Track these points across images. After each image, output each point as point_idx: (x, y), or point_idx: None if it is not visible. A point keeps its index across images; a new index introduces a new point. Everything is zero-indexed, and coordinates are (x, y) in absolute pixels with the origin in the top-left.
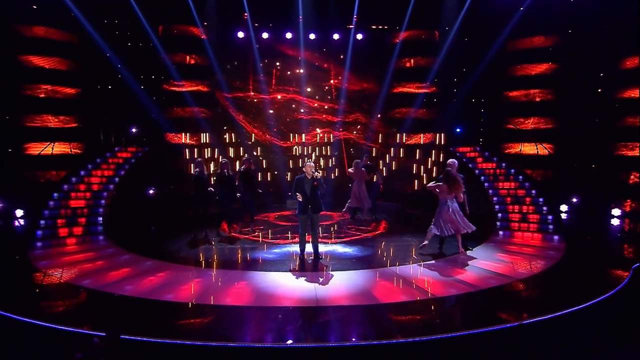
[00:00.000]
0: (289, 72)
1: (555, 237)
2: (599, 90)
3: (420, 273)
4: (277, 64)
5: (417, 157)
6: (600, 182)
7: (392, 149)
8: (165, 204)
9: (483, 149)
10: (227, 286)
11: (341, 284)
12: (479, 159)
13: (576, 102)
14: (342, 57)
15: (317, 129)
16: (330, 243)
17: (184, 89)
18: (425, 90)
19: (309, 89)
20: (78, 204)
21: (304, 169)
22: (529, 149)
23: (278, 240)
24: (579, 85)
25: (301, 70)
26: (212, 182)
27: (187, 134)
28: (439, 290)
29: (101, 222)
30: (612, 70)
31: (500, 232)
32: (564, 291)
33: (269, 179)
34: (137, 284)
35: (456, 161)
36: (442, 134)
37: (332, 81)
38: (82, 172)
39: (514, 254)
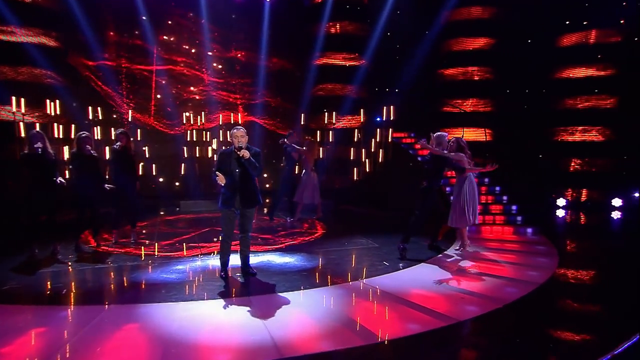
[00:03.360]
0: (176, 38)
1: (529, 230)
2: (536, 68)
3: (408, 285)
4: (161, 25)
5: (354, 141)
6: (542, 169)
7: (317, 132)
8: None
9: (418, 135)
10: (100, 336)
11: (304, 314)
12: (417, 146)
13: (514, 81)
14: (246, 19)
15: (219, 112)
16: (260, 252)
17: (14, 38)
18: (355, 63)
19: (204, 61)
20: None
21: (230, 138)
22: (468, 134)
23: (179, 252)
24: (516, 63)
25: (194, 36)
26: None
27: (23, 105)
28: (451, 308)
29: None
30: (550, 47)
31: None
32: (624, 296)
33: (153, 173)
34: None
35: (445, 133)
36: (392, 108)
37: (234, 52)
38: None
39: (500, 252)
